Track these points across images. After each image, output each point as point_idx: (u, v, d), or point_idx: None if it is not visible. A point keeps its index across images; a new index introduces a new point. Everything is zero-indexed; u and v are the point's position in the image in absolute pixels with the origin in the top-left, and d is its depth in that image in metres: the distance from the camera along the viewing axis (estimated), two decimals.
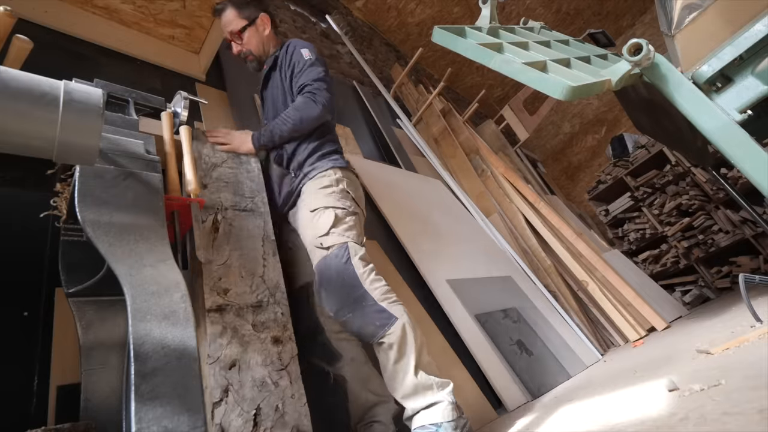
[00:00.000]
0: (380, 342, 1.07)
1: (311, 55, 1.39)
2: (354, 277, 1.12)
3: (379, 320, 1.07)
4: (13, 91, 0.61)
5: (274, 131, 1.30)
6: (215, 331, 0.94)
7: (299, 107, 1.29)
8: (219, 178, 1.21)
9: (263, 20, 1.48)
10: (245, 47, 1.46)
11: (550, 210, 2.84)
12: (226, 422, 0.83)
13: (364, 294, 1.11)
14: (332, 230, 1.19)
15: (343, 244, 1.17)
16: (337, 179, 1.29)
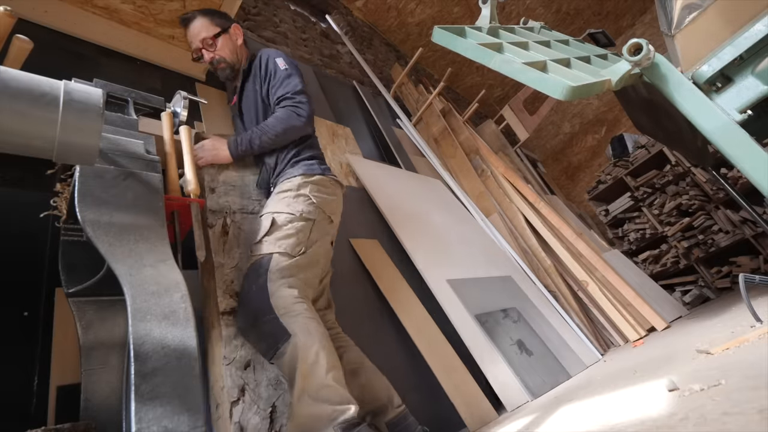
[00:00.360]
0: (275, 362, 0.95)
1: (286, 64, 1.39)
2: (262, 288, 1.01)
3: (272, 337, 0.94)
4: (13, 91, 0.61)
5: (253, 140, 1.26)
6: (230, 333, 0.96)
7: (282, 118, 1.28)
8: (226, 181, 1.22)
9: (236, 30, 1.49)
10: (218, 54, 1.43)
11: (550, 210, 2.84)
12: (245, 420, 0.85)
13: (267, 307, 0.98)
14: (265, 238, 1.10)
15: (269, 255, 1.07)
16: (299, 184, 1.23)
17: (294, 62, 1.43)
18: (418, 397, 1.45)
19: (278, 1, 2.97)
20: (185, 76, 1.82)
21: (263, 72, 1.39)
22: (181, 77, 1.81)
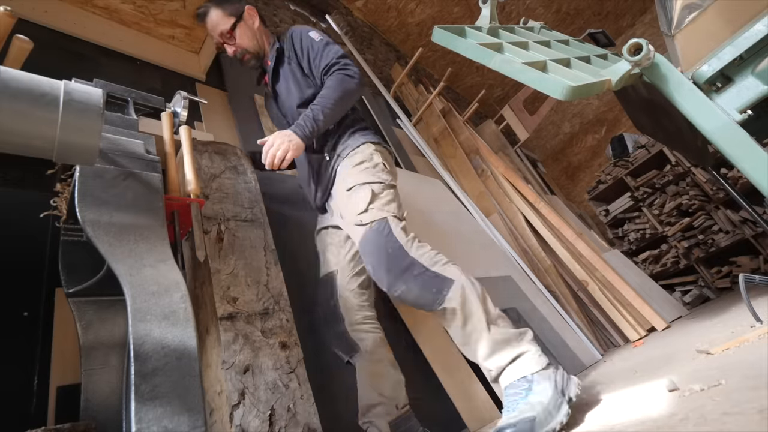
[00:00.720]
0: (441, 309, 1.03)
1: (320, 35, 1.34)
2: (398, 247, 1.08)
3: (434, 286, 1.03)
4: (13, 91, 0.61)
5: (316, 117, 1.18)
6: (228, 338, 0.98)
7: (335, 86, 1.22)
8: (219, 188, 1.23)
9: (250, 13, 1.41)
10: (239, 46, 1.38)
11: (550, 210, 2.84)
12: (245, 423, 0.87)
13: (413, 262, 1.06)
14: (370, 206, 1.16)
15: (383, 219, 1.14)
16: (370, 153, 1.27)
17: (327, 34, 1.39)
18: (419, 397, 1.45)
19: (278, 1, 2.97)
20: (185, 76, 1.83)
21: (300, 49, 1.34)
22: (181, 77, 1.81)
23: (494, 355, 0.97)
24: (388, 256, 1.08)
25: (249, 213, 1.25)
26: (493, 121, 4.25)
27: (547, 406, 0.86)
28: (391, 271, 1.07)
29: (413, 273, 1.05)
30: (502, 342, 0.98)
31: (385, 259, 1.08)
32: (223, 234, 1.15)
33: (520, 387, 0.92)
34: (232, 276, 1.09)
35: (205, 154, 1.28)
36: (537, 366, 0.93)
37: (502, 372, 0.97)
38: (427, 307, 1.05)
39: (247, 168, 1.36)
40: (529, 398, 0.88)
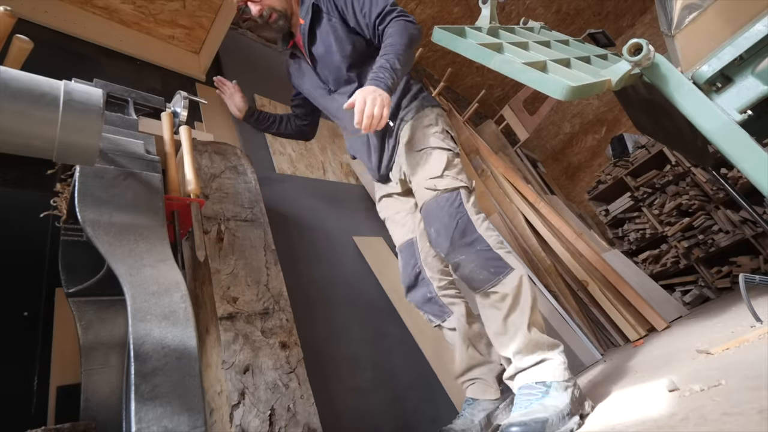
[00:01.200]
0: (492, 291, 1.02)
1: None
2: (468, 221, 1.07)
3: (493, 267, 1.01)
4: (13, 91, 0.61)
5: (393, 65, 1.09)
6: (228, 338, 0.98)
7: (401, 31, 1.14)
8: (219, 188, 1.23)
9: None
10: (266, 3, 1.26)
11: (550, 210, 2.84)
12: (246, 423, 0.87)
13: (479, 238, 1.05)
14: (446, 172, 1.14)
15: (456, 189, 1.12)
16: (435, 117, 1.25)
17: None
18: (419, 397, 1.45)
19: None
20: (185, 76, 1.83)
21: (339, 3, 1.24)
22: (181, 77, 1.81)
23: (524, 354, 0.97)
24: (456, 226, 1.06)
25: (249, 213, 1.25)
26: (493, 121, 4.25)
27: (561, 411, 0.86)
28: (454, 240, 1.06)
29: (476, 248, 1.04)
30: (535, 345, 0.98)
31: (452, 229, 1.06)
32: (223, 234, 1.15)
33: (537, 389, 0.92)
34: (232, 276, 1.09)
35: (205, 154, 1.28)
36: (559, 376, 0.93)
37: (523, 371, 0.97)
38: (479, 285, 1.03)
39: (247, 168, 1.36)
40: (544, 401, 0.89)
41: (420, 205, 1.17)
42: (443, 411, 1.45)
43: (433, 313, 1.27)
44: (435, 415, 1.43)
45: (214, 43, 1.82)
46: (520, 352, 0.98)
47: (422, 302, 1.29)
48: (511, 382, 1.02)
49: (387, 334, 1.57)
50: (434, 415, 1.43)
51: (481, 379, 1.19)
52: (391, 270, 1.79)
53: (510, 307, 1.00)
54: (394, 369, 1.48)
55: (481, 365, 1.21)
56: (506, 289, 1.01)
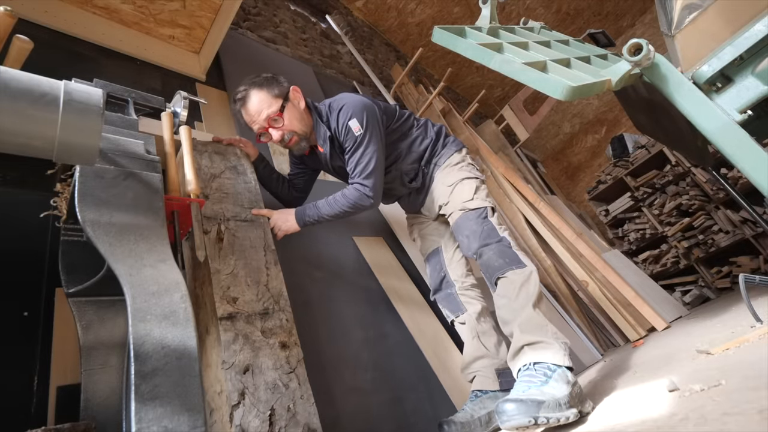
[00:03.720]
0: (503, 277, 1.15)
1: (360, 128, 1.27)
2: (492, 228, 1.25)
3: (509, 258, 1.17)
4: (13, 91, 0.61)
5: (320, 216, 1.32)
6: (228, 338, 0.98)
7: (348, 197, 1.30)
8: (219, 188, 1.23)
9: (295, 93, 1.34)
10: (287, 129, 1.30)
11: (550, 210, 2.84)
12: (246, 423, 0.87)
13: (502, 239, 1.22)
14: (475, 196, 1.33)
15: (483, 208, 1.30)
16: (463, 157, 1.45)
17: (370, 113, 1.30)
18: (419, 397, 1.45)
19: (278, 1, 2.97)
20: (185, 76, 1.82)
21: (341, 134, 1.31)
22: (181, 77, 1.81)
23: (526, 332, 1.05)
24: (483, 230, 1.25)
25: (249, 213, 1.25)
26: (493, 121, 4.25)
27: (558, 400, 0.87)
28: (482, 240, 1.23)
29: (500, 243, 1.21)
30: (538, 325, 1.06)
31: (479, 231, 1.25)
32: (223, 234, 1.15)
33: (538, 374, 0.95)
34: (232, 276, 1.09)
35: (205, 154, 1.28)
36: (559, 360, 0.97)
37: (524, 347, 1.03)
38: (494, 270, 1.17)
39: (246, 168, 1.36)
40: (543, 388, 0.90)
41: (452, 223, 1.35)
42: (443, 411, 1.45)
43: (449, 309, 1.42)
44: (435, 416, 1.43)
45: (214, 43, 1.82)
46: (521, 326, 1.07)
47: (443, 299, 1.45)
48: (513, 361, 1.06)
49: (387, 335, 1.57)
50: (434, 415, 1.43)
51: (482, 372, 1.28)
52: (391, 270, 1.79)
53: (517, 293, 1.12)
54: (394, 369, 1.48)
55: (485, 358, 1.30)
56: (515, 277, 1.14)
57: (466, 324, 1.36)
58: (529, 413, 0.83)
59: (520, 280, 1.14)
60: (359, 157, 1.29)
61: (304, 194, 1.60)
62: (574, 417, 0.88)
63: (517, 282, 1.13)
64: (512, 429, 0.84)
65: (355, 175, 1.31)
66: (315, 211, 1.32)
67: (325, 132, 1.34)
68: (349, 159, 1.32)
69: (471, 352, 1.32)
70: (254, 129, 1.34)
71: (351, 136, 1.28)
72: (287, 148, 1.39)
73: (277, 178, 1.51)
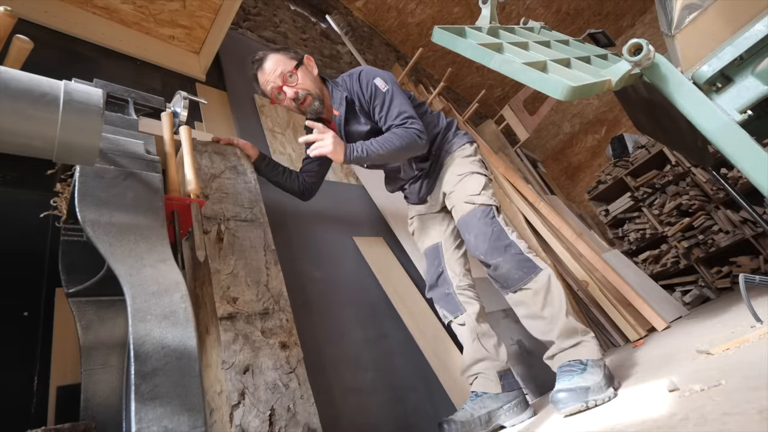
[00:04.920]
0: (526, 288, 1.17)
1: (386, 84, 1.32)
2: (501, 230, 1.24)
3: (526, 267, 1.18)
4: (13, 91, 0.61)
5: (371, 151, 1.24)
6: (228, 338, 0.98)
7: (402, 136, 1.26)
8: (219, 188, 1.23)
9: (309, 60, 1.41)
10: (300, 87, 1.34)
11: (550, 210, 2.84)
12: (245, 423, 0.87)
13: (511, 243, 1.22)
14: (483, 191, 1.32)
15: (490, 206, 1.29)
16: (474, 150, 1.44)
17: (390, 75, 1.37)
18: (419, 397, 1.45)
19: (278, 1, 2.97)
20: (185, 76, 1.83)
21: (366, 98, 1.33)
22: (181, 77, 1.81)
23: (564, 337, 1.12)
24: (492, 232, 1.23)
25: (249, 213, 1.25)
26: (493, 121, 4.25)
27: (599, 383, 1.01)
28: (491, 243, 1.22)
29: (510, 251, 1.20)
30: (573, 329, 1.13)
31: (489, 234, 1.23)
32: (223, 234, 1.15)
33: (575, 367, 1.07)
34: (232, 276, 1.09)
35: (205, 154, 1.28)
36: (594, 355, 1.09)
37: (563, 351, 1.12)
38: (513, 283, 1.19)
39: (246, 168, 1.36)
40: (584, 375, 1.03)
41: (457, 217, 1.33)
42: (443, 411, 1.45)
43: (447, 309, 1.40)
44: (435, 416, 1.43)
45: (214, 43, 1.82)
46: (561, 336, 1.12)
47: (439, 298, 1.42)
48: (550, 361, 1.16)
49: (387, 335, 1.57)
50: (434, 415, 1.43)
51: (483, 374, 1.27)
52: (391, 270, 1.79)
53: (544, 300, 1.16)
54: (394, 369, 1.48)
55: (485, 360, 1.29)
56: (538, 286, 1.16)
57: (466, 325, 1.34)
58: (580, 399, 0.98)
59: (543, 290, 1.16)
60: (396, 106, 1.30)
61: (318, 181, 1.59)
62: (613, 395, 1.02)
63: (540, 292, 1.16)
64: (569, 414, 0.99)
65: (397, 120, 1.29)
66: (363, 147, 1.25)
67: (342, 96, 1.36)
68: (386, 113, 1.31)
69: (471, 354, 1.31)
70: (268, 90, 1.37)
71: (379, 93, 1.32)
72: (301, 112, 1.40)
73: (283, 171, 1.51)
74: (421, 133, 1.28)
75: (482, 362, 1.29)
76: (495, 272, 1.22)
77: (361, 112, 1.37)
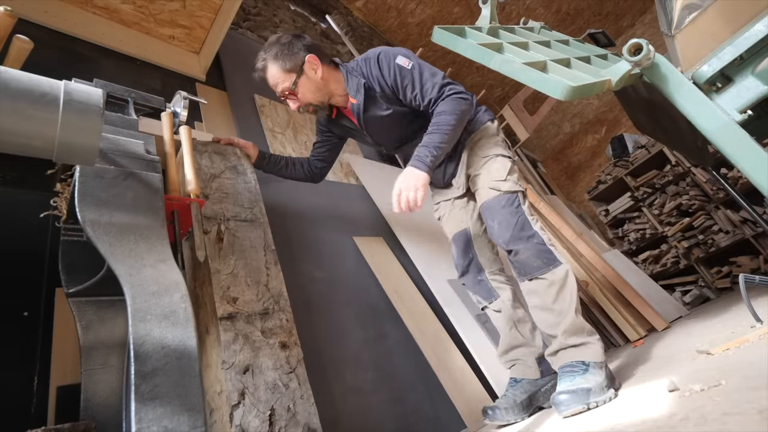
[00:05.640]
0: (542, 278, 1.16)
1: (410, 61, 1.26)
2: (525, 220, 1.22)
3: (546, 258, 1.17)
4: (13, 91, 0.61)
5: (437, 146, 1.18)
6: (228, 338, 0.98)
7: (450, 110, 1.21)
8: (219, 188, 1.23)
9: (311, 63, 1.30)
10: (302, 102, 1.33)
11: (550, 210, 2.85)
12: (246, 423, 0.87)
13: (535, 234, 1.20)
14: (508, 177, 1.29)
15: (516, 193, 1.27)
16: (497, 129, 1.41)
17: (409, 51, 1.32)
18: (419, 397, 1.45)
19: (278, 1, 2.97)
20: (185, 76, 1.83)
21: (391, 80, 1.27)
22: (181, 77, 1.81)
23: (569, 334, 1.12)
24: (517, 222, 1.22)
25: (249, 213, 1.25)
26: None
27: (600, 384, 1.01)
28: (515, 232, 1.21)
29: (533, 240, 1.19)
30: (579, 328, 1.12)
31: (513, 222, 1.22)
32: (223, 234, 1.15)
33: (577, 367, 1.07)
34: (232, 276, 1.09)
35: (205, 154, 1.28)
36: (597, 357, 1.08)
37: (566, 349, 1.11)
38: (531, 271, 1.18)
39: (246, 168, 1.36)
40: (586, 376, 1.03)
41: (481, 202, 1.31)
42: (443, 411, 1.45)
43: (481, 295, 1.40)
44: (435, 416, 1.43)
45: (214, 43, 1.82)
46: (566, 332, 1.12)
47: (473, 284, 1.42)
48: (552, 357, 1.15)
49: (387, 335, 1.57)
50: (434, 415, 1.43)
51: (522, 360, 1.30)
52: (391, 270, 1.79)
53: (557, 293, 1.15)
54: (394, 369, 1.48)
55: (523, 346, 1.31)
56: (554, 278, 1.16)
57: (502, 312, 1.35)
58: (581, 400, 0.98)
59: (558, 283, 1.15)
60: (427, 79, 1.25)
61: (329, 164, 1.60)
62: (614, 396, 1.01)
63: (555, 284, 1.15)
64: (570, 415, 0.99)
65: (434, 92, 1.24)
66: (428, 150, 1.18)
67: (359, 82, 1.30)
68: (419, 90, 1.25)
69: (509, 341, 1.33)
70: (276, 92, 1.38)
71: (405, 72, 1.26)
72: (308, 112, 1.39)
73: (285, 164, 1.53)
74: (463, 94, 1.24)
75: (519, 348, 1.31)
76: (515, 257, 1.21)
77: (382, 98, 1.31)
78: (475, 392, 1.50)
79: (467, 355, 1.59)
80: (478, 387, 1.53)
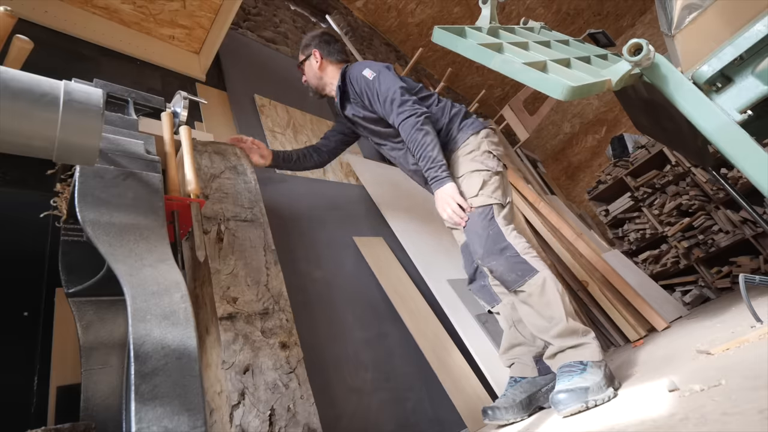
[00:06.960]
0: (520, 290, 1.19)
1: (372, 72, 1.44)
2: (498, 232, 1.25)
3: (520, 270, 1.19)
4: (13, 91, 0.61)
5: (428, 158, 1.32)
6: (228, 338, 0.98)
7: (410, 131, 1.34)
8: (219, 188, 1.23)
9: (315, 56, 1.61)
10: (304, 79, 1.67)
11: (550, 210, 2.84)
12: (245, 423, 0.87)
13: (508, 245, 1.23)
14: (480, 192, 1.32)
15: (490, 206, 1.30)
16: (478, 143, 1.42)
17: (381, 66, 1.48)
18: (419, 397, 1.45)
19: (278, 1, 2.97)
20: (185, 76, 1.82)
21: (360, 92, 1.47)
22: (181, 77, 1.81)
23: (563, 338, 1.13)
24: (488, 236, 1.24)
25: (249, 213, 1.25)
26: (493, 121, 4.25)
27: (598, 383, 1.02)
28: (487, 247, 1.24)
29: (506, 254, 1.21)
30: (573, 331, 1.13)
31: (484, 238, 1.24)
32: (223, 234, 1.15)
33: (576, 367, 1.08)
34: (232, 276, 1.09)
35: (205, 154, 1.28)
36: (594, 357, 1.09)
37: (563, 352, 1.13)
38: (509, 285, 1.21)
39: (246, 168, 1.36)
40: (584, 375, 1.04)
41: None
42: (443, 411, 1.45)
43: (485, 300, 1.46)
44: (435, 416, 1.43)
45: (214, 43, 1.82)
46: (560, 336, 1.13)
47: (477, 290, 1.48)
48: (551, 360, 1.16)
49: (387, 335, 1.57)
50: (434, 415, 1.43)
51: (520, 359, 1.33)
52: (391, 270, 1.79)
53: (540, 301, 1.16)
54: (394, 369, 1.48)
55: (521, 345, 1.34)
56: (532, 288, 1.17)
57: (502, 314, 1.40)
58: (579, 399, 0.99)
59: (537, 292, 1.17)
60: (384, 94, 1.39)
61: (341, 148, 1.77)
62: (613, 395, 1.02)
63: (534, 294, 1.17)
64: (569, 414, 0.99)
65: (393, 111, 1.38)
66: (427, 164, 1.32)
67: (339, 83, 1.53)
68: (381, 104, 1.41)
69: (509, 340, 1.37)
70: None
71: (366, 82, 1.44)
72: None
73: (297, 158, 1.65)
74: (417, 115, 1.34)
75: (518, 347, 1.34)
76: (493, 274, 1.26)
77: (355, 102, 1.51)
78: (475, 392, 1.50)
79: (467, 355, 1.59)
80: (478, 387, 1.53)
